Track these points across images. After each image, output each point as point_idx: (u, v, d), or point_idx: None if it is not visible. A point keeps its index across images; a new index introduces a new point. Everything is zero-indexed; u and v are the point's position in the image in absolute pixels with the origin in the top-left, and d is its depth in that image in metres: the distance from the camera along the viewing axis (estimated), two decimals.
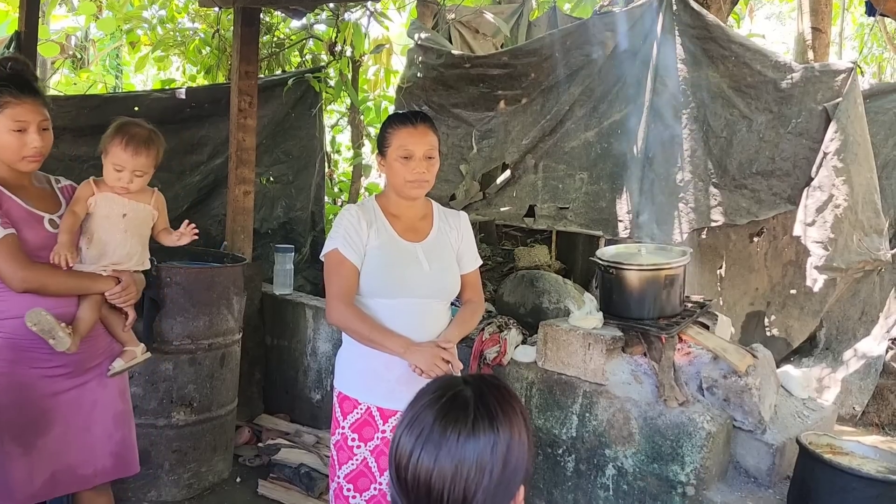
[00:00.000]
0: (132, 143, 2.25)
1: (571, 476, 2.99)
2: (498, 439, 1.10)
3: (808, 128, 3.58)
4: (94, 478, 2.32)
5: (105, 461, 2.34)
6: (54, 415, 2.21)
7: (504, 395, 1.17)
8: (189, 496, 3.46)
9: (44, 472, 2.20)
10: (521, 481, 1.13)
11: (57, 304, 2.18)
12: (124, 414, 2.43)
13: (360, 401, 2.31)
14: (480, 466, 1.07)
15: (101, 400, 2.33)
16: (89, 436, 2.29)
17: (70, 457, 2.25)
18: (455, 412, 1.12)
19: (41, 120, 2.14)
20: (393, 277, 2.28)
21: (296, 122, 5.41)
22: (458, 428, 1.09)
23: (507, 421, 1.12)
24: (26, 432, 2.16)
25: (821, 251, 3.51)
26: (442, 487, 1.06)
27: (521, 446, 1.12)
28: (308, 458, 3.66)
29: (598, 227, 4.32)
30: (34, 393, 2.16)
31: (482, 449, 1.08)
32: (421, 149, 2.28)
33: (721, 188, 3.84)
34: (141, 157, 2.27)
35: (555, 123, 4.39)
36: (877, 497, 2.26)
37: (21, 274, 2.07)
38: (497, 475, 1.08)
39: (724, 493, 2.64)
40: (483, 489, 1.07)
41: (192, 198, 4.95)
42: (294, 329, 4.33)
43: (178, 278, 3.40)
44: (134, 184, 2.29)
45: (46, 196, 2.25)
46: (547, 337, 3.07)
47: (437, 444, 1.08)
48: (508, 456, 1.10)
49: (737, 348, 2.83)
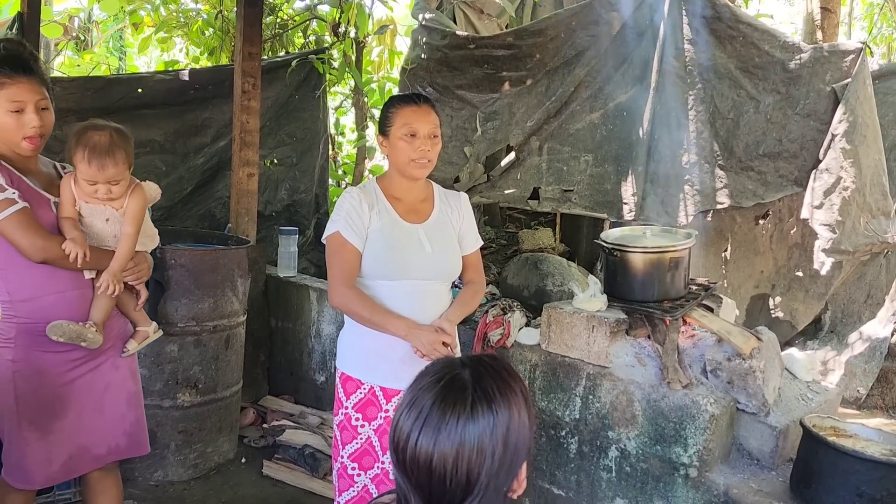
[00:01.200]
0: (95, 158, 2.11)
1: (574, 458, 3.00)
2: (497, 420, 1.10)
3: (816, 109, 3.55)
4: (107, 456, 2.35)
5: (119, 440, 2.36)
6: (70, 399, 2.22)
7: (503, 375, 1.17)
8: (195, 476, 3.48)
9: (61, 455, 2.22)
10: (524, 459, 1.14)
11: (72, 283, 2.18)
12: (136, 395, 2.44)
13: (363, 381, 2.32)
14: (481, 448, 1.08)
15: (114, 382, 2.34)
16: (102, 418, 2.31)
17: (85, 438, 2.27)
18: (453, 395, 1.12)
19: (39, 99, 2.10)
20: (395, 259, 2.28)
21: (299, 104, 5.39)
22: (456, 411, 1.10)
23: (506, 402, 1.12)
24: (43, 417, 2.17)
25: (828, 234, 3.49)
26: (444, 470, 1.07)
27: (522, 426, 1.13)
28: (312, 439, 3.68)
29: (602, 209, 4.30)
30: (50, 378, 2.17)
31: (482, 431, 1.08)
32: (425, 127, 2.28)
33: (727, 170, 3.81)
34: (108, 169, 2.13)
35: (560, 105, 4.36)
36: (880, 479, 2.26)
37: (40, 243, 2.06)
38: (499, 456, 1.08)
39: (727, 475, 2.64)
40: (486, 470, 1.07)
41: (196, 180, 4.95)
42: (298, 311, 4.34)
43: (183, 260, 3.40)
44: (114, 192, 2.19)
45: (53, 180, 2.24)
46: (551, 319, 3.07)
47: (436, 427, 1.09)
48: (508, 436, 1.10)
49: (741, 331, 2.82)
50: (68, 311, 2.16)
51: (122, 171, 2.19)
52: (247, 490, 3.44)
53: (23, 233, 2.04)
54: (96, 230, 2.25)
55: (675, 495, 2.71)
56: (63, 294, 2.16)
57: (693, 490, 2.66)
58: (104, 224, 2.26)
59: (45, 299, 2.14)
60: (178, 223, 4.77)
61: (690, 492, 2.67)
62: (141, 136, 4.68)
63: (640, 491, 2.81)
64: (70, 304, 2.18)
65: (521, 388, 1.17)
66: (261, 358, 4.44)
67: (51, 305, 2.14)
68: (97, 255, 2.20)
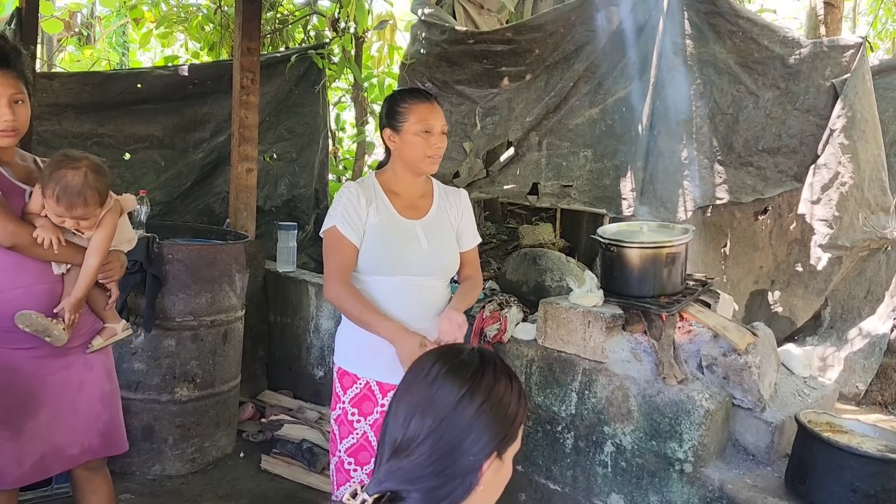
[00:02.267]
0: (64, 197, 2.04)
1: (570, 453, 3.00)
2: (463, 396, 1.13)
3: (816, 104, 3.54)
4: (80, 456, 2.31)
5: (92, 441, 2.32)
6: (42, 398, 2.18)
7: (504, 373, 1.20)
8: (193, 470, 3.49)
9: (33, 455, 2.18)
10: (485, 453, 1.13)
11: (39, 277, 2.15)
12: (112, 394, 2.40)
13: (360, 375, 2.32)
14: (436, 411, 1.12)
15: (88, 381, 2.30)
16: (76, 417, 2.27)
17: (58, 438, 2.23)
18: (452, 360, 1.18)
19: (13, 93, 2.06)
20: (391, 255, 2.28)
21: (299, 100, 5.39)
22: (442, 372, 1.15)
23: (484, 391, 1.14)
24: (14, 416, 2.14)
25: (825, 229, 3.48)
26: (407, 415, 1.13)
27: (475, 431, 1.13)
28: (310, 433, 3.68)
29: (601, 205, 4.30)
30: (20, 375, 2.13)
31: (447, 396, 1.13)
32: (439, 123, 2.29)
33: (726, 166, 3.80)
34: (77, 210, 2.07)
35: (559, 100, 4.35)
36: (874, 475, 2.25)
37: (11, 227, 2.03)
38: (450, 426, 1.11)
39: (722, 471, 2.64)
40: (438, 432, 1.11)
41: (195, 175, 4.96)
42: (297, 306, 4.34)
43: (180, 255, 3.41)
44: (82, 226, 2.13)
45: (30, 173, 2.20)
46: (547, 315, 3.06)
47: (420, 377, 1.16)
48: (455, 425, 1.12)
49: (737, 326, 2.82)
50: (35, 305, 2.12)
51: (92, 210, 2.12)
52: (245, 484, 3.45)
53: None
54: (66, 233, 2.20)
55: (670, 490, 2.71)
56: (29, 288, 2.12)
57: (688, 485, 2.66)
58: (80, 240, 2.22)
59: (11, 293, 2.10)
60: (177, 218, 4.78)
61: (685, 487, 2.67)
62: (140, 131, 4.69)
63: (635, 486, 2.81)
64: (36, 298, 2.13)
65: (518, 388, 1.19)
66: (259, 353, 4.45)
67: (16, 300, 2.10)
68: (69, 249, 2.16)
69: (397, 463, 1.12)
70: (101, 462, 2.42)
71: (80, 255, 2.20)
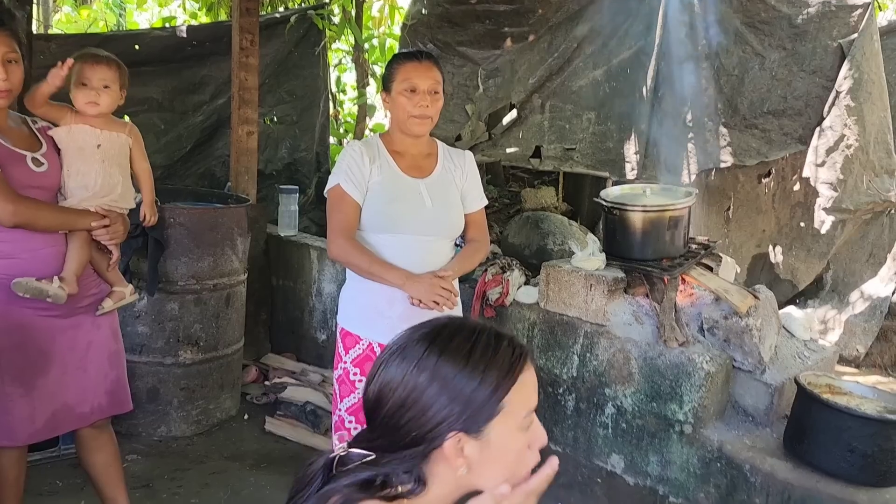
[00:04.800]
0: (90, 58, 2.27)
1: (571, 414, 3.03)
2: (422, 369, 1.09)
3: (822, 65, 3.49)
4: (91, 415, 2.36)
5: (101, 399, 2.38)
6: (52, 355, 2.23)
7: (503, 341, 1.15)
8: (198, 432, 3.54)
9: (45, 412, 2.24)
10: (447, 426, 1.08)
11: (45, 241, 2.18)
12: (117, 354, 2.45)
13: (362, 336, 2.34)
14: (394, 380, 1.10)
15: (96, 341, 2.34)
16: (85, 376, 2.32)
17: (68, 396, 2.29)
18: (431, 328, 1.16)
19: (6, 51, 2.05)
20: (394, 213, 2.28)
21: (299, 61, 5.32)
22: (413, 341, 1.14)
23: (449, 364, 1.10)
24: (26, 373, 2.18)
25: (829, 192, 3.46)
26: (371, 380, 1.14)
27: (448, 395, 1.08)
28: (314, 396, 3.72)
29: (604, 168, 4.27)
30: (32, 333, 2.17)
31: (407, 365, 1.10)
32: (426, 83, 2.27)
33: (731, 128, 3.77)
34: (102, 66, 2.27)
35: (562, 62, 4.30)
36: (871, 435, 2.28)
37: (12, 207, 2.04)
38: (408, 398, 1.09)
39: (721, 432, 2.67)
40: (393, 402, 1.10)
41: (195, 138, 4.93)
42: (299, 270, 4.35)
43: (182, 219, 3.40)
44: (102, 98, 2.27)
45: (25, 136, 2.20)
46: (549, 278, 3.07)
47: (395, 349, 1.14)
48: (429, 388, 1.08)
49: (738, 289, 2.82)
50: (43, 268, 2.15)
51: (114, 78, 2.30)
52: (249, 445, 3.50)
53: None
54: (88, 165, 2.24)
55: (669, 451, 2.74)
56: (36, 252, 2.15)
57: (688, 446, 2.69)
58: (95, 151, 2.26)
59: (20, 257, 2.13)
60: (178, 182, 4.77)
61: (685, 448, 2.70)
62: (139, 93, 4.64)
63: (635, 447, 2.84)
64: (44, 261, 2.16)
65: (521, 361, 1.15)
66: (262, 316, 4.47)
67: (24, 263, 2.13)
68: (73, 216, 2.22)
69: (365, 427, 1.14)
70: (106, 421, 2.47)
71: (82, 219, 2.23)
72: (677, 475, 2.72)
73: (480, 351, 1.11)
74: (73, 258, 2.23)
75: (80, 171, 2.24)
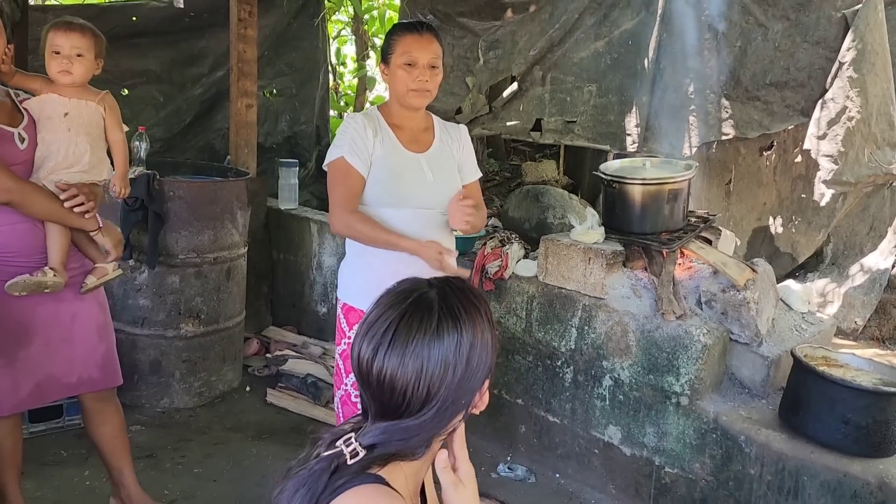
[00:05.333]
0: (62, 25, 2.22)
1: (569, 387, 3.06)
2: (462, 339, 1.12)
3: (826, 36, 3.45)
4: (78, 386, 2.37)
5: (92, 372, 2.38)
6: (33, 328, 2.23)
7: (468, 296, 1.18)
8: (200, 403, 3.58)
9: (28, 383, 2.25)
10: (486, 377, 1.17)
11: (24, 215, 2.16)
12: (106, 326, 2.45)
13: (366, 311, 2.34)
14: (444, 365, 1.10)
15: (81, 313, 2.34)
16: (71, 347, 2.32)
17: (53, 367, 2.29)
18: (420, 313, 1.13)
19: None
20: (398, 187, 2.28)
21: (298, 33, 5.28)
22: (423, 329, 1.11)
23: (471, 322, 1.14)
24: (6, 344, 2.19)
25: (830, 165, 3.45)
26: (405, 385, 1.10)
27: (485, 345, 1.15)
28: (314, 368, 3.75)
29: (605, 141, 4.25)
30: (9, 306, 2.17)
31: (447, 350, 1.11)
32: (425, 56, 2.24)
33: (733, 100, 3.73)
34: (74, 33, 2.21)
35: (563, 33, 4.25)
36: (866, 407, 2.30)
37: (7, 184, 2.04)
38: (461, 372, 1.11)
39: (717, 403, 2.69)
40: (447, 385, 1.10)
41: (194, 111, 4.90)
42: (300, 243, 4.36)
43: (181, 192, 3.40)
44: (75, 66, 2.21)
45: (7, 109, 2.18)
46: (548, 251, 3.07)
47: (402, 346, 1.11)
48: (471, 354, 1.12)
49: (737, 262, 2.82)
50: (18, 243, 2.15)
51: (88, 46, 2.24)
52: (251, 417, 3.54)
53: None
54: (54, 134, 2.20)
55: (666, 422, 2.77)
56: (13, 226, 2.15)
57: (684, 417, 2.72)
58: (61, 120, 2.21)
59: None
60: (178, 155, 4.75)
61: (681, 419, 2.73)
62: (137, 65, 4.61)
63: (632, 418, 2.87)
64: (19, 235, 2.16)
65: (485, 309, 1.19)
66: (264, 290, 4.49)
67: (2, 236, 2.13)
68: (57, 206, 2.18)
69: (397, 422, 1.12)
70: (110, 393, 2.49)
71: (70, 216, 2.20)
72: (673, 446, 2.76)
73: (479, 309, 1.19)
74: (56, 247, 2.22)
75: (45, 139, 2.20)
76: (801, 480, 2.41)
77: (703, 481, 2.68)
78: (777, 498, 2.47)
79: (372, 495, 1.06)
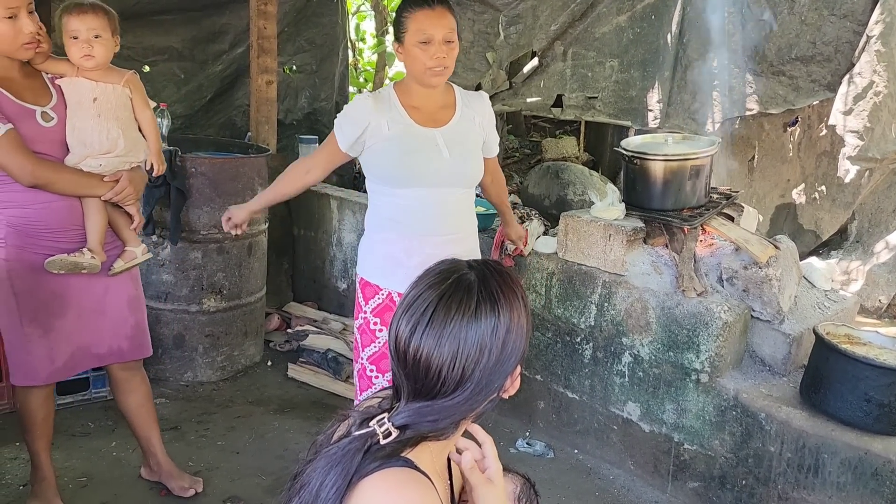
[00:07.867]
0: (74, 9, 2.20)
1: (589, 363, 3.07)
2: (499, 323, 1.12)
3: (854, 9, 3.37)
4: (107, 356, 2.44)
5: (121, 343, 2.44)
6: (67, 298, 2.29)
7: (507, 280, 1.18)
8: (223, 378, 3.64)
9: (63, 353, 2.31)
10: (519, 361, 1.17)
11: (65, 204, 2.22)
12: (137, 299, 2.50)
13: (381, 286, 2.35)
14: (481, 347, 1.11)
15: (113, 285, 2.39)
16: (104, 318, 2.38)
17: (86, 338, 2.36)
18: (459, 295, 1.13)
19: (29, 2, 2.08)
20: (410, 165, 2.25)
21: (318, 9, 5.25)
22: (461, 311, 1.12)
23: (509, 306, 1.14)
24: (42, 314, 2.25)
25: (855, 141, 3.39)
26: (441, 366, 1.10)
27: (520, 329, 1.15)
28: (335, 343, 3.79)
29: (627, 116, 4.21)
30: (45, 277, 2.22)
31: (483, 331, 1.11)
32: (440, 32, 2.18)
33: (758, 75, 3.67)
34: (88, 15, 2.20)
35: (585, 7, 4.20)
36: (888, 385, 2.28)
37: (31, 168, 2.08)
38: (496, 355, 1.12)
39: (738, 381, 2.68)
40: (481, 368, 1.11)
41: (215, 88, 4.91)
42: (320, 220, 4.38)
43: (203, 169, 3.43)
44: (96, 49, 2.21)
45: (36, 87, 2.20)
46: (568, 228, 3.07)
47: (440, 327, 1.11)
48: (507, 338, 1.13)
49: (759, 239, 2.80)
50: (55, 220, 2.20)
51: (104, 27, 2.22)
52: (272, 391, 3.59)
53: (11, 156, 2.04)
54: (84, 122, 2.21)
55: (685, 399, 2.77)
56: (49, 204, 2.19)
57: (703, 394, 2.72)
58: (91, 106, 2.23)
59: (33, 208, 2.18)
60: (199, 132, 4.78)
61: (701, 396, 2.72)
62: (158, 42, 4.63)
63: (651, 395, 2.87)
64: (56, 213, 2.21)
65: (522, 294, 1.19)
66: (284, 266, 4.53)
67: (37, 213, 2.18)
68: (83, 178, 2.22)
69: (430, 403, 1.13)
70: (137, 364, 2.55)
71: (98, 185, 2.25)
72: (692, 423, 2.76)
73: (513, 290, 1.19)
74: (94, 228, 2.27)
75: (77, 126, 2.22)
76: (822, 458, 2.40)
77: (722, 458, 2.68)
78: (797, 475, 2.47)
79: (402, 478, 1.07)
